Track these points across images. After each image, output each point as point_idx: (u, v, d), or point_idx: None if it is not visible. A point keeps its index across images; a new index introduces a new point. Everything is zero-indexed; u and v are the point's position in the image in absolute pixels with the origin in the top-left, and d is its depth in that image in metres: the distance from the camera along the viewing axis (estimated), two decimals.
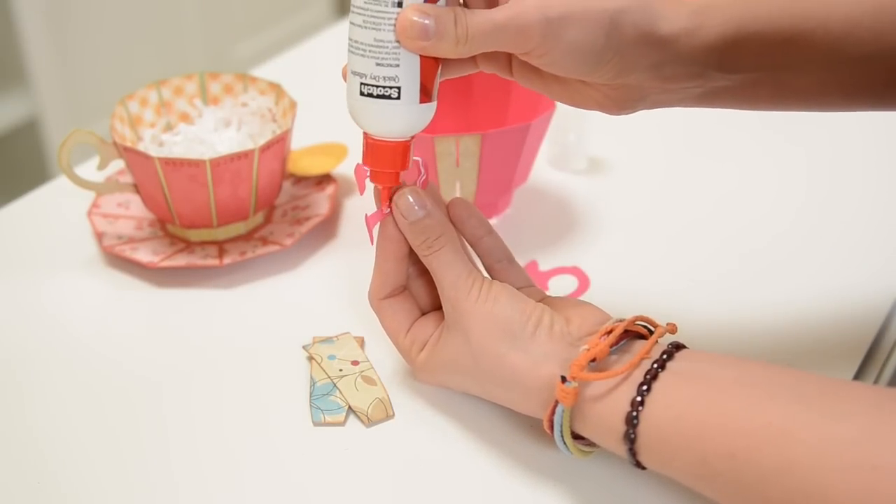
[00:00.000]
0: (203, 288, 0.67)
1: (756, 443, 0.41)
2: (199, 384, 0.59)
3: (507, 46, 0.47)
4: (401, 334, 0.56)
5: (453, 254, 0.53)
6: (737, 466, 0.41)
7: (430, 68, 0.49)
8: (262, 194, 0.70)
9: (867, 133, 0.85)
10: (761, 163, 0.82)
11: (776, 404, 0.42)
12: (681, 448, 0.44)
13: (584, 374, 0.47)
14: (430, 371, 0.55)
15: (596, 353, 0.48)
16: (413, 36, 0.47)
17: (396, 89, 0.49)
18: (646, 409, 0.45)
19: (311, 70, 1.00)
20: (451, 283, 0.52)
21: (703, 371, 0.46)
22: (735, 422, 0.42)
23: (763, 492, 0.40)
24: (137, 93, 0.73)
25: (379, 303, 0.56)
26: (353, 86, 0.51)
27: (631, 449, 0.46)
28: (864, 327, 0.63)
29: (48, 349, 0.62)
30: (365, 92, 0.50)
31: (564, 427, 0.48)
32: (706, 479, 0.43)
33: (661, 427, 0.45)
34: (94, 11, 1.87)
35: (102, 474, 0.53)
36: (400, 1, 0.47)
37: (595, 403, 0.47)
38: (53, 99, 1.83)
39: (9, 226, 0.76)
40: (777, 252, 0.71)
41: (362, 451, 0.54)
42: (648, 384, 0.46)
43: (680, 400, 0.45)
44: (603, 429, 0.47)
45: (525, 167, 0.72)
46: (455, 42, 0.47)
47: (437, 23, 0.46)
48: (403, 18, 0.47)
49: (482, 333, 0.51)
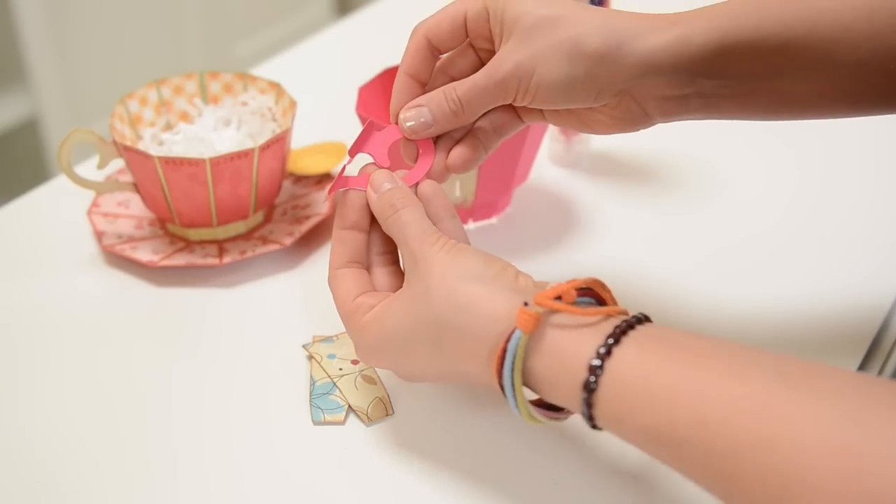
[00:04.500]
0: (203, 287, 0.67)
1: (732, 413, 0.38)
2: (199, 383, 0.59)
3: (496, 101, 0.52)
4: (348, 299, 0.52)
5: (420, 214, 0.51)
6: (707, 435, 0.39)
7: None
8: (262, 193, 0.70)
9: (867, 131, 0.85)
10: (762, 161, 0.82)
11: (756, 377, 0.39)
12: (646, 407, 0.41)
13: (551, 302, 0.44)
14: (372, 335, 0.50)
15: (562, 292, 0.45)
16: (418, 130, 0.53)
17: None
18: (613, 359, 0.42)
19: (310, 69, 1.00)
20: (417, 235, 0.50)
21: (677, 338, 0.43)
22: (711, 389, 0.40)
23: (733, 466, 0.38)
24: (137, 92, 0.73)
25: (334, 272, 0.53)
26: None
27: (588, 399, 0.43)
28: (865, 325, 0.63)
29: (48, 348, 0.62)
30: None
31: (517, 359, 0.44)
32: (668, 446, 0.40)
33: (626, 382, 0.42)
34: (94, 11, 1.87)
35: (102, 474, 0.53)
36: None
37: (556, 338, 0.44)
38: (53, 98, 1.83)
39: (9, 225, 0.76)
40: (779, 250, 0.71)
41: (362, 451, 0.54)
42: (617, 337, 0.43)
43: (650, 359, 0.42)
44: (560, 370, 0.44)
45: (525, 166, 0.72)
46: (454, 116, 0.53)
47: (430, 110, 0.53)
48: (402, 122, 0.53)
49: (441, 274, 0.48)
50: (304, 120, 0.75)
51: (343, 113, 0.79)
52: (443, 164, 0.54)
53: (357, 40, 1.07)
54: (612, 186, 0.79)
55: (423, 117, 0.53)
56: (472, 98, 0.52)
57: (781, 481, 0.37)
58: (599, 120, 0.54)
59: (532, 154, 0.71)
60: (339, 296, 0.53)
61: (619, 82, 0.51)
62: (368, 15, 1.13)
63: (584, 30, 0.50)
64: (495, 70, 0.51)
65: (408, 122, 0.53)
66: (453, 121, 0.53)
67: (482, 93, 0.52)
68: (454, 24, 0.53)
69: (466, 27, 0.53)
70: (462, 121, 0.53)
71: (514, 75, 0.51)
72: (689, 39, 0.49)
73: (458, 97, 0.52)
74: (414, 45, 0.54)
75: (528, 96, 0.51)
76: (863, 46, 0.49)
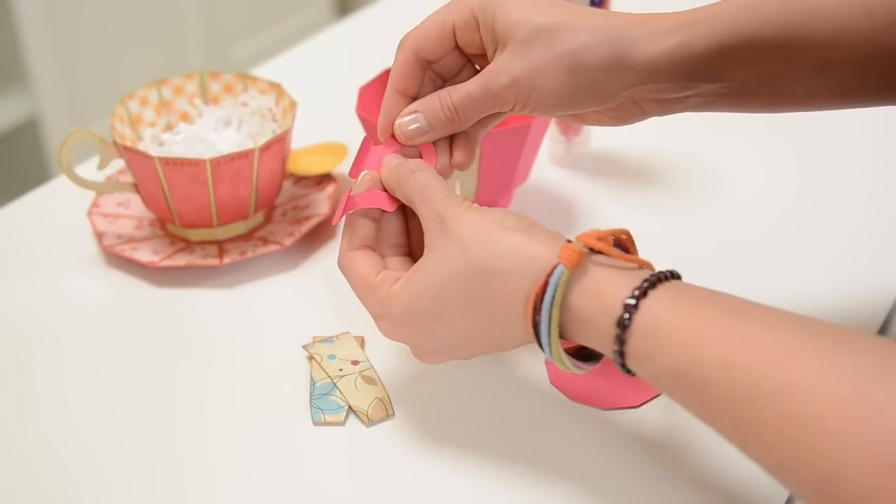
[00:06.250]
0: (203, 287, 0.67)
1: (756, 359, 0.39)
2: (199, 384, 0.59)
3: (492, 110, 0.52)
4: (371, 274, 0.51)
5: (439, 177, 0.52)
6: (731, 378, 0.40)
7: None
8: (263, 194, 0.70)
9: (867, 129, 0.85)
10: (762, 161, 0.82)
11: (782, 329, 0.41)
12: (674, 347, 0.42)
13: (594, 241, 0.46)
14: (400, 301, 0.49)
15: (601, 235, 0.46)
16: (414, 137, 0.53)
17: None
18: (647, 299, 0.44)
19: (311, 70, 1.00)
20: (441, 194, 0.50)
21: (709, 292, 0.44)
22: (738, 335, 0.41)
23: (753, 410, 0.39)
24: (137, 92, 0.73)
25: (347, 253, 0.53)
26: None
27: (620, 336, 0.44)
28: (867, 323, 0.63)
29: (48, 349, 0.62)
30: None
31: (558, 293, 0.45)
32: (692, 387, 0.41)
33: (658, 321, 0.43)
34: (94, 11, 1.87)
35: (102, 474, 0.53)
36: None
37: (596, 276, 0.45)
38: (53, 98, 1.83)
39: (9, 225, 0.76)
40: (780, 249, 0.71)
41: (362, 451, 0.54)
42: (653, 282, 0.44)
43: (683, 303, 0.43)
44: (597, 307, 0.45)
45: (525, 167, 0.72)
46: (449, 123, 0.53)
47: (426, 117, 0.53)
48: (398, 128, 0.53)
49: (475, 226, 0.48)
50: (305, 120, 0.75)
51: (343, 113, 0.79)
52: (447, 162, 0.55)
53: (357, 41, 1.07)
54: (612, 187, 0.79)
55: (419, 123, 0.53)
56: (468, 108, 0.52)
57: (798, 428, 0.37)
58: (595, 116, 0.55)
59: (532, 154, 0.71)
60: (357, 274, 0.52)
61: (622, 90, 0.51)
62: (369, 15, 1.13)
63: (585, 42, 0.50)
64: (491, 82, 0.51)
65: (403, 128, 0.53)
66: (449, 128, 0.53)
67: (477, 103, 0.52)
68: (442, 35, 0.53)
69: (455, 37, 0.53)
70: (457, 128, 0.53)
71: (512, 88, 0.50)
72: (689, 46, 0.50)
73: (454, 105, 0.52)
74: (402, 60, 0.53)
75: (527, 108, 0.51)
76: (860, 45, 0.50)
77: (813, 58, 0.50)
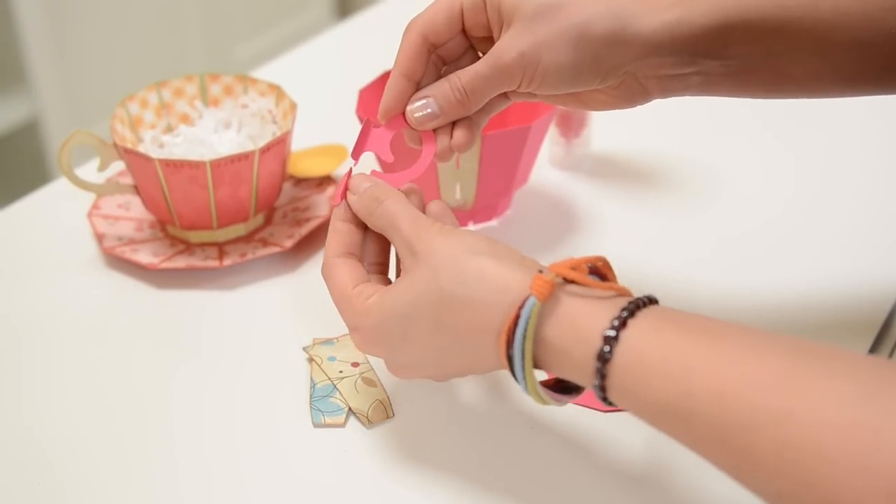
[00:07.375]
0: (203, 289, 0.67)
1: (748, 387, 0.38)
2: (199, 386, 0.59)
3: (500, 89, 0.53)
4: (349, 286, 0.51)
5: (406, 203, 0.51)
6: (723, 408, 0.38)
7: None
8: (263, 196, 0.70)
9: (867, 127, 0.85)
10: (762, 163, 0.82)
11: (772, 353, 0.39)
12: (660, 379, 0.40)
13: (567, 271, 0.44)
14: (371, 318, 0.49)
15: (574, 264, 0.45)
16: (425, 121, 0.54)
17: None
18: (628, 330, 0.42)
19: (311, 71, 1.00)
20: (409, 222, 0.50)
21: (690, 316, 0.43)
22: (726, 363, 0.39)
23: (748, 440, 0.38)
24: (138, 94, 0.73)
25: (331, 260, 0.52)
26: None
27: (601, 369, 0.42)
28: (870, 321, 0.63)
29: (48, 350, 0.62)
30: None
31: (530, 326, 0.44)
32: (682, 419, 0.40)
33: (641, 353, 0.41)
34: (94, 12, 1.87)
35: (103, 475, 0.53)
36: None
37: (571, 308, 0.44)
38: (53, 100, 1.83)
39: (9, 227, 0.76)
40: (781, 245, 0.71)
41: (362, 453, 0.54)
42: (632, 310, 0.43)
43: (665, 331, 0.41)
44: (574, 339, 0.43)
45: (525, 169, 0.72)
46: (460, 105, 0.53)
47: (437, 101, 0.53)
48: (409, 113, 0.54)
49: (445, 252, 0.47)
50: (305, 122, 0.75)
51: (343, 115, 0.79)
52: (447, 145, 0.55)
53: (357, 43, 1.07)
54: (612, 189, 0.79)
55: (431, 108, 0.53)
56: (477, 88, 0.53)
57: (797, 456, 0.36)
58: (598, 98, 0.55)
59: (532, 157, 0.71)
60: (336, 283, 0.51)
61: (624, 64, 0.51)
62: (368, 17, 1.13)
63: (589, 15, 0.50)
64: (498, 59, 0.51)
65: (415, 113, 0.54)
66: (459, 110, 0.53)
67: (487, 82, 0.52)
68: (450, 17, 0.53)
69: (463, 18, 0.53)
70: (467, 110, 0.54)
71: (518, 64, 0.51)
72: (690, 20, 0.50)
73: (463, 87, 0.53)
74: (409, 43, 0.53)
75: (533, 83, 0.52)
76: (858, 28, 0.50)
77: (813, 38, 0.50)
